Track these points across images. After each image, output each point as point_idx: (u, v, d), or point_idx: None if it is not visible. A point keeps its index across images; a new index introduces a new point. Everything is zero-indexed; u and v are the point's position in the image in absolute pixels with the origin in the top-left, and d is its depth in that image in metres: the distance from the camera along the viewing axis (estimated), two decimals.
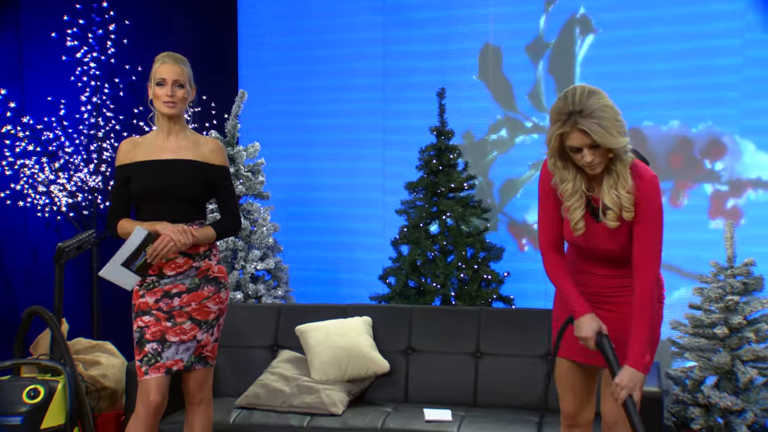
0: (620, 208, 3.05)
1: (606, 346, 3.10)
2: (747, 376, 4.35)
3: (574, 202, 3.10)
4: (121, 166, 3.64)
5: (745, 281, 4.51)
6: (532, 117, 5.81)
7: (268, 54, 6.41)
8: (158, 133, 3.69)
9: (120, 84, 5.88)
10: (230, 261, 5.35)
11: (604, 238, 3.13)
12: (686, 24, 5.45)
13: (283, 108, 6.35)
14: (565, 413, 3.43)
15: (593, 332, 3.10)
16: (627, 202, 3.03)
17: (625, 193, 3.03)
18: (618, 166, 3.02)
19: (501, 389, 4.53)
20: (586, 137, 2.93)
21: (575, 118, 2.92)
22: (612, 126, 2.92)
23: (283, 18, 6.37)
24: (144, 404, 3.57)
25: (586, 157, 2.97)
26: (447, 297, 5.32)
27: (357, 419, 4.25)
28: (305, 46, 6.30)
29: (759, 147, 5.33)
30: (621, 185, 3.04)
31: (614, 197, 3.04)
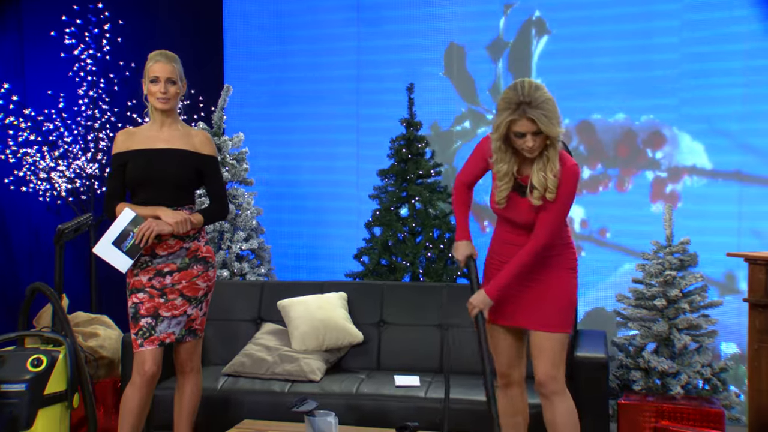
0: (545, 188, 3.19)
1: (472, 267, 3.43)
2: (682, 343, 4.44)
3: (504, 183, 3.26)
4: (117, 154, 3.65)
5: (682, 258, 4.59)
6: (493, 110, 5.72)
7: (251, 51, 6.38)
8: (152, 125, 3.70)
9: (114, 79, 5.86)
10: (217, 242, 5.35)
11: (527, 212, 3.28)
12: (629, 23, 5.46)
13: (264, 101, 6.33)
14: (500, 373, 3.53)
15: (464, 256, 3.43)
16: (552, 184, 3.18)
17: (551, 176, 3.17)
18: (550, 152, 3.17)
19: (464, 357, 4.51)
20: (532, 125, 3.08)
21: (524, 108, 3.06)
22: (554, 117, 3.09)
23: (264, 17, 6.34)
24: (140, 373, 3.60)
25: (528, 142, 3.11)
26: (415, 274, 5.36)
27: (333, 385, 4.27)
28: (284, 42, 6.28)
29: (694, 138, 5.36)
30: (549, 169, 3.18)
31: (542, 179, 3.19)
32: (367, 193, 5.73)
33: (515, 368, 3.51)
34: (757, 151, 5.22)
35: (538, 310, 3.36)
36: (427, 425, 3.82)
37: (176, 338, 3.66)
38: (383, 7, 6.05)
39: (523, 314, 3.40)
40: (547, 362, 3.34)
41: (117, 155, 3.65)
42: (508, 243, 3.39)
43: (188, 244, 3.67)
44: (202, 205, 4.02)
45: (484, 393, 3.42)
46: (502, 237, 3.43)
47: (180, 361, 3.75)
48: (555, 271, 3.37)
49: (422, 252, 5.36)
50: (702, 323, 4.51)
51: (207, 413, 4.22)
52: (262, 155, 6.14)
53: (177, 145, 3.66)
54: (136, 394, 3.61)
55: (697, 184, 5.38)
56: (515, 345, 3.49)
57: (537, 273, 3.36)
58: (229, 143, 5.45)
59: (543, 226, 3.26)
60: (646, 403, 4.22)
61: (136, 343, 3.61)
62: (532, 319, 3.39)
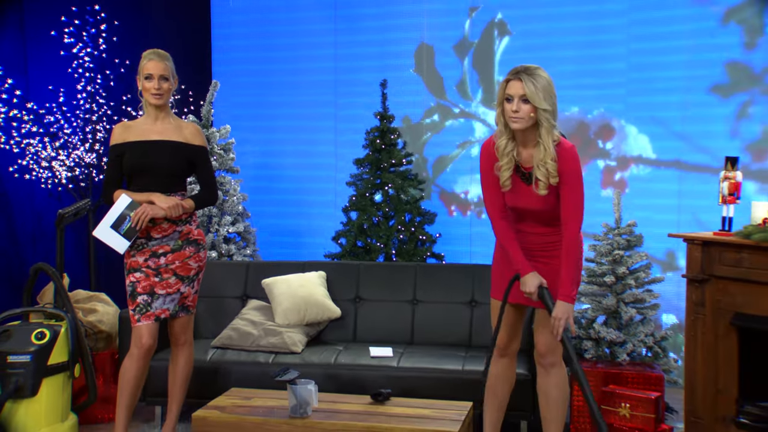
0: (548, 177, 3.14)
1: (546, 296, 3.21)
2: (628, 315, 4.45)
3: (505, 163, 3.20)
4: (115, 145, 3.65)
5: (629, 239, 4.59)
6: (459, 104, 5.85)
7: (236, 48, 6.37)
8: (146, 118, 3.70)
9: (111, 75, 5.81)
10: (206, 225, 5.35)
11: (536, 201, 3.22)
12: (581, 20, 5.49)
13: (250, 96, 6.31)
14: (498, 345, 3.49)
15: (536, 287, 3.21)
16: (552, 168, 3.13)
17: (550, 161, 3.13)
18: (543, 134, 3.12)
19: (433, 330, 4.57)
20: (520, 87, 3.07)
21: (520, 74, 3.08)
22: (542, 90, 3.07)
23: (248, 17, 6.32)
24: (137, 346, 3.62)
25: (514, 106, 3.09)
26: (389, 255, 5.38)
27: (314, 356, 4.29)
28: (268, 41, 6.27)
29: (640, 130, 5.40)
30: (546, 155, 3.12)
31: (543, 170, 3.14)
32: (344, 180, 5.72)
33: (513, 341, 3.53)
34: (694, 143, 5.25)
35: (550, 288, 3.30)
36: (398, 392, 3.86)
37: (170, 314, 3.69)
38: (359, 6, 6.04)
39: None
40: (550, 335, 3.29)
41: (114, 146, 3.66)
42: (523, 232, 3.33)
43: (181, 227, 3.69)
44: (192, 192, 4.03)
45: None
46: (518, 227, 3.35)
47: (174, 335, 3.78)
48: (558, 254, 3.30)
49: (395, 234, 5.38)
50: (646, 297, 4.52)
51: (198, 382, 4.21)
52: (248, 145, 6.13)
53: (170, 137, 3.67)
54: (134, 365, 3.63)
55: (643, 172, 5.42)
56: (517, 321, 3.49)
57: (544, 257, 3.33)
58: (217, 135, 5.43)
59: (569, 212, 3.20)
60: (596, 369, 4.25)
61: (134, 318, 3.63)
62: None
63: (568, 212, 3.21)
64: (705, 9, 5.20)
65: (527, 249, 3.31)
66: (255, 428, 3.49)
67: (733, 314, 3.84)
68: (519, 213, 3.32)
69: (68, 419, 4.03)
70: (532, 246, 3.33)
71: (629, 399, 3.98)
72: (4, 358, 3.83)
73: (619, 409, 3.99)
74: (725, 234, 3.91)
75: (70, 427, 4.02)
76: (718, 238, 3.87)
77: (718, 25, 5.18)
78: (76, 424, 4.07)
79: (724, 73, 5.18)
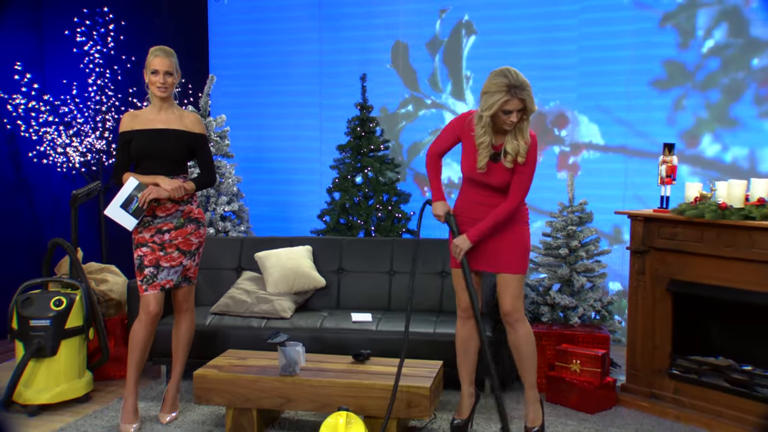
0: (517, 153, 3.24)
1: (452, 222, 3.41)
2: (580, 283, 4.51)
3: (484, 151, 3.28)
4: (123, 132, 3.64)
5: (581, 216, 4.63)
6: (431, 96, 5.86)
7: (232, 45, 6.34)
8: (152, 108, 3.68)
9: (118, 70, 5.78)
10: (205, 205, 5.34)
11: (499, 174, 3.31)
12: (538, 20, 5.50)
13: (243, 88, 6.29)
14: (461, 308, 3.55)
15: (444, 211, 3.42)
16: (523, 149, 3.24)
17: (523, 143, 3.23)
18: (524, 125, 3.23)
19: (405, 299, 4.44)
20: (520, 103, 3.14)
21: (515, 90, 3.11)
22: (532, 97, 3.16)
23: (242, 18, 6.29)
24: (145, 312, 3.63)
25: (513, 118, 3.17)
26: (368, 231, 5.40)
27: (301, 321, 4.30)
28: (259, 38, 6.24)
29: (590, 120, 5.43)
30: (521, 137, 3.23)
31: (515, 145, 3.23)
32: (328, 164, 5.72)
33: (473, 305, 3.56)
34: (637, 130, 5.30)
35: (503, 256, 3.40)
36: (377, 352, 3.87)
37: (174, 284, 3.69)
38: (341, 6, 6.01)
39: (491, 260, 3.43)
40: (511, 297, 3.40)
41: (123, 133, 3.64)
42: (479, 203, 3.40)
43: (183, 207, 3.69)
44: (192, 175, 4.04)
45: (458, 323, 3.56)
46: (474, 198, 3.43)
47: (177, 303, 3.78)
48: (515, 224, 3.40)
49: (374, 213, 5.39)
50: (595, 267, 4.58)
51: (198, 345, 4.20)
52: (241, 132, 6.11)
53: (173, 126, 3.66)
54: (142, 329, 3.64)
55: (593, 157, 5.46)
56: (477, 285, 3.55)
57: (507, 228, 3.40)
58: (214, 123, 5.40)
59: (518, 187, 3.31)
60: (551, 330, 4.30)
61: (142, 288, 3.64)
62: (499, 264, 3.42)
63: (515, 187, 3.33)
64: (645, 12, 5.24)
65: (479, 218, 3.40)
66: (249, 385, 3.51)
67: (669, 281, 3.92)
68: (482, 185, 3.40)
69: (84, 376, 4.08)
70: (483, 216, 3.40)
71: (579, 356, 4.01)
72: (26, 322, 3.87)
73: (571, 365, 4.02)
74: (663, 211, 3.98)
75: (86, 383, 4.07)
76: (657, 214, 3.95)
77: (656, 27, 5.23)
78: (91, 381, 4.12)
79: (662, 70, 5.23)
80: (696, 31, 5.16)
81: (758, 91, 5.04)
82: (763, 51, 5.02)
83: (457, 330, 3.62)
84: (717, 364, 3.87)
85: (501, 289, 3.46)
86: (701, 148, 5.21)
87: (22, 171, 5.65)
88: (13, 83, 5.49)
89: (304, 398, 3.48)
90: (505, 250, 3.41)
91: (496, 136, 3.30)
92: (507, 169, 3.30)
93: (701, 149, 5.21)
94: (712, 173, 5.12)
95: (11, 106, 5.45)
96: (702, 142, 5.21)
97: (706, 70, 5.15)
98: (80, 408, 3.98)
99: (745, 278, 3.63)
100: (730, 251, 3.66)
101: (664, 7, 5.21)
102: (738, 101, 5.09)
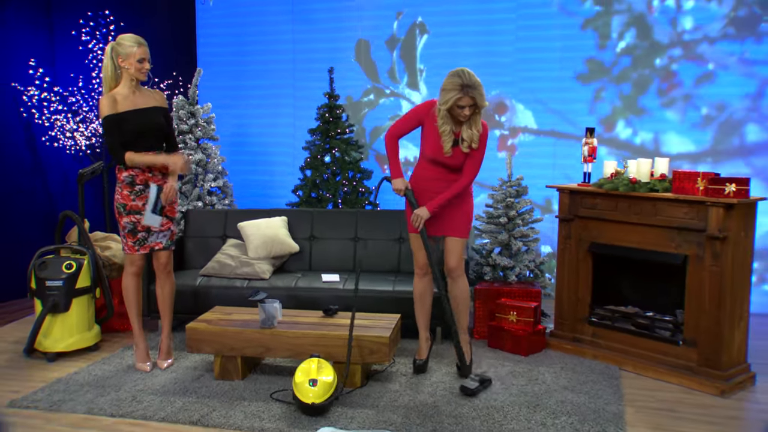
0: (471, 140, 3.34)
1: (410, 196, 3.46)
2: (517, 246, 4.57)
3: (447, 137, 3.37)
4: (110, 115, 3.45)
5: (518, 189, 4.67)
6: (390, 87, 5.84)
7: (217, 44, 6.23)
8: (126, 90, 3.52)
9: None
10: (194, 181, 5.29)
11: (457, 157, 3.40)
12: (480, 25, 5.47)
13: (227, 80, 6.20)
14: (418, 265, 3.63)
15: (404, 186, 3.46)
16: (476, 138, 3.35)
17: (476, 132, 3.33)
18: (477, 117, 3.33)
19: (370, 261, 4.57)
20: (471, 100, 3.23)
21: (467, 89, 3.21)
22: (483, 94, 3.25)
23: (225, 19, 6.18)
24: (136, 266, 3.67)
25: (466, 111, 3.27)
26: (336, 203, 5.39)
27: (278, 281, 4.30)
28: (241, 36, 6.15)
29: (526, 107, 5.47)
30: (475, 127, 3.33)
31: (470, 134, 3.33)
32: (300, 145, 5.70)
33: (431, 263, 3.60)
34: (565, 117, 5.35)
35: (451, 223, 3.51)
36: (344, 308, 3.89)
37: (164, 246, 3.68)
38: (312, 10, 5.95)
39: (441, 226, 3.53)
40: (456, 256, 3.53)
41: (111, 116, 3.45)
42: (436, 179, 3.48)
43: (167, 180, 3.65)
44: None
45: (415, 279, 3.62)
46: (432, 176, 3.49)
47: (162, 265, 3.72)
48: (461, 197, 3.50)
49: (340, 188, 5.39)
50: (530, 233, 4.64)
51: (189, 302, 4.22)
52: (225, 117, 6.05)
53: (150, 104, 3.57)
54: (134, 281, 3.69)
55: (528, 139, 5.50)
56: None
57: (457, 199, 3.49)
58: (201, 110, 5.34)
59: (472, 167, 3.42)
60: (492, 287, 4.34)
61: (133, 248, 3.61)
62: (447, 229, 3.53)
63: (469, 167, 3.43)
64: (570, 18, 5.28)
65: (434, 191, 3.47)
66: (234, 336, 3.52)
67: (590, 243, 3.99)
68: (442, 165, 3.47)
69: (93, 329, 4.09)
70: (439, 192, 3.48)
71: (516, 308, 4.07)
72: (43, 282, 3.87)
73: (509, 316, 4.08)
74: (585, 185, 4.03)
75: (95, 334, 4.08)
76: (580, 188, 4.00)
77: (579, 30, 5.27)
78: (98, 333, 4.13)
79: (584, 66, 5.28)
80: (611, 34, 5.22)
81: (660, 85, 5.15)
82: (664, 52, 5.12)
83: (415, 285, 3.69)
84: (626, 312, 3.97)
85: (448, 250, 3.55)
86: (616, 132, 5.29)
87: (37, 154, 5.60)
88: (28, 77, 5.46)
89: (282, 347, 3.50)
90: (453, 218, 3.51)
91: (455, 125, 3.38)
92: (463, 152, 3.39)
93: (616, 133, 5.29)
94: (625, 153, 5.21)
95: (26, 97, 5.42)
96: (617, 127, 5.29)
97: (620, 67, 5.22)
98: (91, 355, 4.00)
99: (650, 240, 3.72)
100: (638, 218, 3.75)
101: (585, 14, 5.27)
102: (645, 93, 5.18)
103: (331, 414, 3.15)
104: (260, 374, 3.68)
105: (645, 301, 4.02)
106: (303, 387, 3.11)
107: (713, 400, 3.39)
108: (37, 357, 3.95)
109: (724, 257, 3.46)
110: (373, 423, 3.05)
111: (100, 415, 3.16)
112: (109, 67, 3.51)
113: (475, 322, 4.34)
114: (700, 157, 5.09)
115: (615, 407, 3.25)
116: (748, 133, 4.98)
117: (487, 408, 3.23)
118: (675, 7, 5.06)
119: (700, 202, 3.49)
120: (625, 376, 3.72)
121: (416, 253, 3.61)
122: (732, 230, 3.45)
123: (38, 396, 3.37)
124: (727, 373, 3.52)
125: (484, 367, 3.79)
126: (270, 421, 3.07)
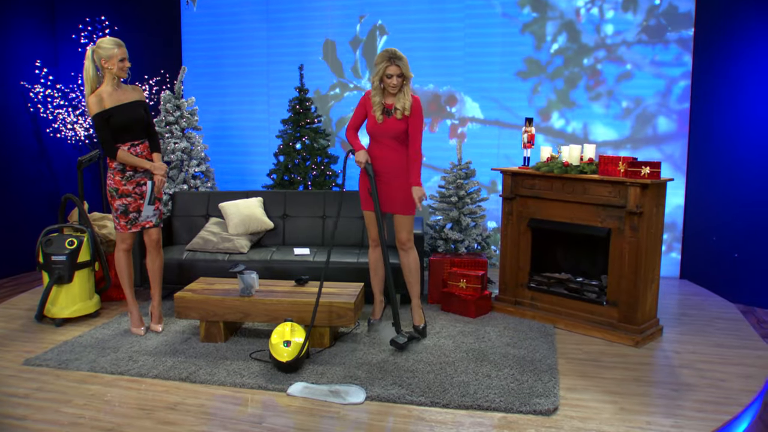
0: (404, 108, 3.36)
1: (369, 169, 3.43)
2: (466, 222, 4.58)
3: (377, 107, 3.39)
4: (100, 112, 3.39)
5: (467, 172, 4.68)
6: (353, 82, 5.78)
7: (199, 43, 6.09)
8: (109, 87, 3.43)
9: None
10: (179, 167, 5.22)
11: (392, 125, 3.40)
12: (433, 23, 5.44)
13: (208, 78, 6.07)
14: (372, 238, 3.65)
15: (365, 158, 3.43)
16: (408, 105, 3.36)
17: (407, 102, 3.36)
18: (405, 89, 3.35)
19: (337, 236, 4.55)
20: (398, 69, 3.27)
21: (393, 59, 3.26)
22: (407, 66, 3.29)
23: (207, 24, 6.04)
24: (127, 243, 3.62)
25: (394, 81, 3.30)
26: (306, 185, 5.35)
27: (255, 255, 4.28)
28: (221, 36, 6.02)
29: (473, 100, 5.45)
30: (405, 98, 3.36)
31: (402, 103, 3.36)
32: (274, 134, 5.64)
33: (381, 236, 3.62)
34: (507, 108, 5.36)
35: (400, 202, 3.50)
36: (313, 278, 3.92)
37: (154, 224, 3.64)
38: (284, 13, 5.84)
39: (393, 204, 3.52)
40: (406, 231, 3.54)
41: (100, 113, 3.38)
42: (385, 146, 3.46)
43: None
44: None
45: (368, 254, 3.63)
46: (374, 154, 3.49)
47: (152, 241, 3.68)
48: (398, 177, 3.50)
49: (310, 171, 5.36)
50: (477, 210, 4.64)
51: (177, 274, 4.20)
52: (207, 110, 5.95)
53: (133, 99, 3.49)
54: (125, 257, 3.64)
55: (475, 128, 5.48)
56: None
57: (389, 178, 3.47)
58: (186, 103, 5.25)
59: (414, 131, 3.41)
60: (445, 258, 4.35)
61: (125, 228, 3.57)
62: (396, 208, 3.52)
63: (412, 132, 3.43)
64: (511, 22, 5.28)
65: (381, 172, 3.47)
66: (217, 303, 3.51)
67: (529, 219, 4.03)
68: (382, 135, 3.46)
69: (93, 298, 4.07)
70: (385, 170, 3.48)
71: (465, 276, 4.10)
72: (49, 257, 3.87)
73: (459, 283, 4.10)
74: (525, 168, 4.06)
75: (95, 303, 4.08)
76: (521, 170, 4.02)
77: (518, 33, 5.28)
78: (98, 301, 4.12)
79: (524, 64, 5.29)
80: (546, 37, 5.24)
81: (588, 82, 5.21)
82: (591, 54, 5.18)
83: (369, 255, 3.72)
84: (560, 278, 4.04)
85: (398, 226, 3.56)
86: (551, 122, 5.33)
87: (43, 143, 5.57)
88: (34, 76, 5.48)
89: (259, 313, 3.49)
90: (399, 198, 3.52)
91: (387, 97, 3.42)
92: (398, 120, 3.40)
93: (551, 123, 5.33)
94: (559, 140, 5.26)
95: (33, 94, 5.45)
96: (552, 117, 5.32)
97: (554, 65, 5.25)
98: (92, 321, 4.01)
99: (580, 216, 3.78)
100: (570, 196, 3.80)
101: (523, 18, 5.27)
102: (575, 88, 5.23)
103: (303, 371, 3.16)
104: (240, 337, 3.67)
105: (576, 268, 4.09)
106: (278, 347, 3.12)
107: (629, 350, 3.50)
108: (46, 322, 3.97)
109: (640, 230, 3.55)
110: (340, 378, 3.07)
111: (101, 373, 3.20)
112: (90, 69, 3.41)
113: (430, 289, 4.36)
114: (621, 144, 5.19)
115: (550, 359, 3.32)
116: (660, 124, 5.10)
117: (440, 363, 3.27)
118: (599, 15, 5.12)
119: (621, 182, 3.56)
120: (558, 333, 3.80)
121: (370, 228, 3.65)
122: (647, 206, 3.54)
123: (48, 356, 3.39)
124: (641, 328, 3.63)
125: (437, 328, 3.82)
126: (250, 378, 3.08)
